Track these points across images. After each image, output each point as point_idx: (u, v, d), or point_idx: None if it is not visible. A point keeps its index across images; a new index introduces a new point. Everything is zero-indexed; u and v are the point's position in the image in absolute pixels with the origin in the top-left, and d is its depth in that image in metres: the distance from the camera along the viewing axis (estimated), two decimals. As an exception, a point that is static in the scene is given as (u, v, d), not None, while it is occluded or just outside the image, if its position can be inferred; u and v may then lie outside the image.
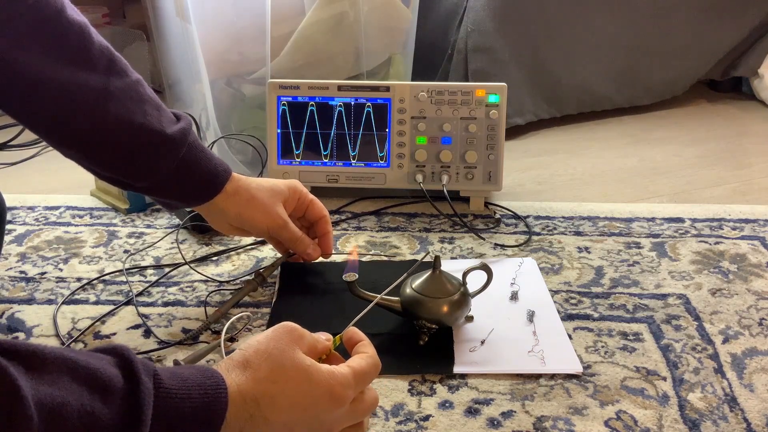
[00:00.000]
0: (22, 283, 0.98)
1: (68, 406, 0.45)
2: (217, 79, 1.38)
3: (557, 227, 1.12)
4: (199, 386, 0.53)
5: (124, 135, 0.79)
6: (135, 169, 0.82)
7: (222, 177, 0.87)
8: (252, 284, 0.93)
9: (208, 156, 0.86)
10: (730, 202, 1.22)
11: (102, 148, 0.80)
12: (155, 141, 0.80)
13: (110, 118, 0.78)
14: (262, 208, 0.90)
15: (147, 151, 0.81)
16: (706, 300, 0.93)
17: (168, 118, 0.83)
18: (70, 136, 0.80)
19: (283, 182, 0.94)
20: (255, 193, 0.90)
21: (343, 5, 1.35)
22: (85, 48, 0.77)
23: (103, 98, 0.77)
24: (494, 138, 1.16)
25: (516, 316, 0.89)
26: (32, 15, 0.73)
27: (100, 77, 0.77)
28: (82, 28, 0.77)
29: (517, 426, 0.72)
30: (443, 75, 1.58)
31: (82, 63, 0.76)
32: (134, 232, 1.12)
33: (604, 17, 1.59)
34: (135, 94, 0.80)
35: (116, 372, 0.49)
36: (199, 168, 0.84)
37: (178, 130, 0.82)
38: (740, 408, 0.74)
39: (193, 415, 0.51)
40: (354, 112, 1.18)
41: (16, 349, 0.45)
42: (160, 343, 0.85)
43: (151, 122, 0.80)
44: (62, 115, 0.77)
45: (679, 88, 1.73)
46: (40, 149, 1.49)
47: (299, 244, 0.94)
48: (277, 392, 0.56)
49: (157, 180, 0.83)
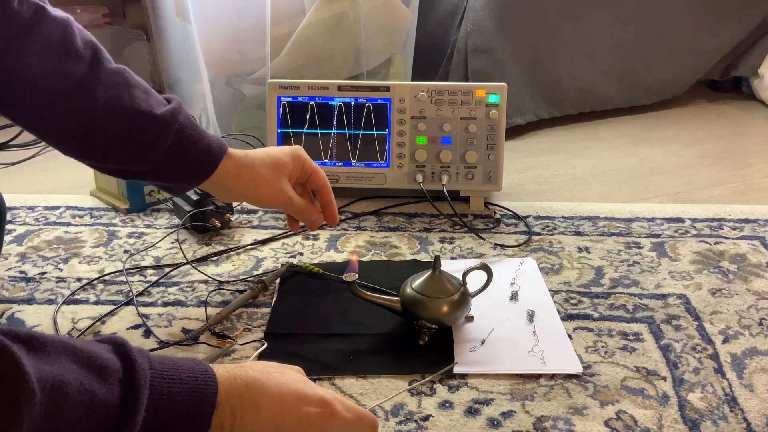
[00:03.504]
0: (22, 283, 0.98)
1: (68, 384, 0.47)
2: (217, 79, 1.38)
3: (557, 227, 1.12)
4: (188, 370, 0.55)
5: (114, 120, 0.79)
6: (129, 155, 0.82)
7: (217, 154, 0.86)
8: (254, 291, 0.93)
9: (201, 134, 0.85)
10: (730, 202, 1.22)
11: (94, 136, 0.80)
12: (145, 123, 0.81)
13: (99, 105, 0.78)
14: (266, 186, 0.90)
15: (138, 135, 0.81)
16: (706, 300, 0.93)
17: (157, 100, 0.83)
18: (62, 128, 0.80)
19: (286, 153, 0.93)
20: (259, 170, 0.89)
21: (343, 5, 1.35)
22: (70, 41, 0.78)
23: (90, 85, 0.78)
24: (494, 138, 1.16)
25: (516, 316, 0.89)
26: (16, 21, 0.74)
27: (86, 66, 0.78)
28: (64, 23, 0.78)
29: (517, 426, 0.72)
30: (443, 75, 1.58)
31: (67, 56, 0.78)
32: (134, 232, 1.12)
33: (604, 17, 1.59)
34: (122, 79, 0.81)
35: (112, 356, 0.51)
36: (193, 147, 0.84)
37: (167, 111, 0.82)
38: (740, 408, 0.74)
39: (185, 396, 0.53)
40: (354, 112, 1.18)
41: (17, 332, 0.46)
42: (160, 343, 0.85)
43: (140, 105, 0.80)
44: (54, 108, 0.78)
45: (679, 88, 1.74)
46: (40, 149, 1.48)
47: (307, 213, 0.93)
48: (268, 381, 0.59)
49: (153, 163, 0.83)
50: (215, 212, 1.09)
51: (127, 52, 1.76)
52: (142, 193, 1.18)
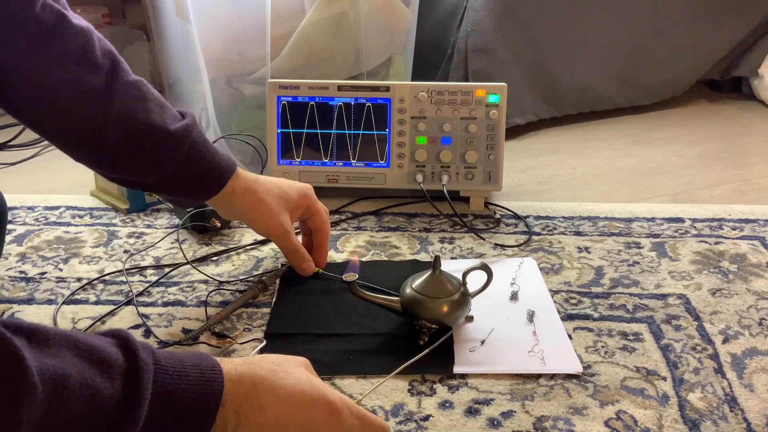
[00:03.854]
0: (22, 283, 0.98)
1: (70, 377, 0.46)
2: (217, 79, 1.38)
3: (557, 227, 1.12)
4: (195, 366, 0.55)
5: (128, 132, 0.80)
6: (140, 167, 0.83)
7: (226, 173, 0.88)
8: (253, 291, 0.93)
9: (212, 152, 0.87)
10: (730, 202, 1.22)
11: (107, 146, 0.81)
12: (158, 137, 0.82)
13: (113, 116, 0.79)
14: (266, 214, 0.91)
15: (150, 148, 0.82)
16: (706, 300, 0.93)
17: (171, 116, 0.84)
18: (76, 136, 0.81)
19: (295, 188, 0.95)
20: (263, 196, 0.91)
21: (343, 5, 1.35)
22: (89, 51, 0.78)
23: (107, 96, 0.79)
24: (494, 138, 1.16)
25: (516, 316, 0.89)
26: (37, 25, 0.75)
27: (104, 77, 0.79)
28: (84, 32, 0.79)
29: (517, 426, 0.72)
30: (443, 75, 1.58)
31: (86, 65, 0.78)
32: (134, 232, 1.12)
33: (604, 17, 1.59)
34: (138, 92, 0.81)
35: (116, 350, 0.51)
36: (203, 164, 0.85)
37: (181, 127, 0.83)
38: (740, 408, 0.74)
39: (189, 393, 0.53)
40: (354, 112, 1.18)
41: (19, 325, 0.46)
42: (160, 343, 0.85)
43: (154, 119, 0.81)
44: (68, 116, 0.79)
45: (679, 88, 1.74)
46: (40, 149, 1.49)
47: (296, 257, 0.95)
48: (275, 381, 0.58)
49: (162, 176, 0.84)
50: (215, 212, 1.09)
51: (127, 52, 1.76)
52: (142, 193, 1.18)
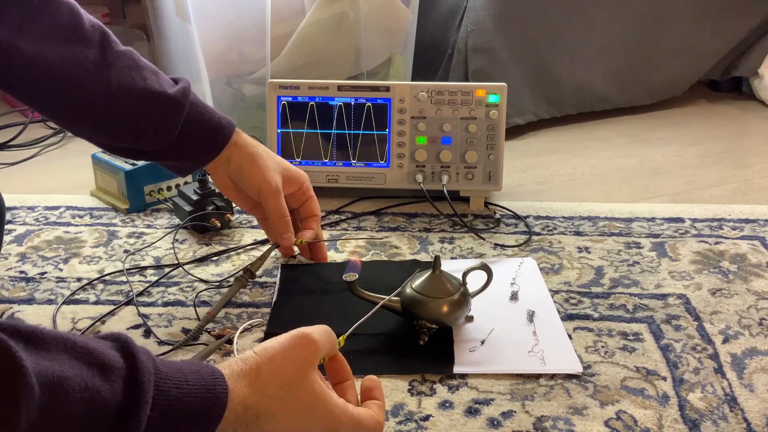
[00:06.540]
0: (22, 283, 0.98)
1: (69, 380, 0.46)
2: (217, 79, 1.38)
3: (557, 227, 1.12)
4: (195, 373, 0.53)
5: (128, 101, 0.82)
6: (144, 134, 0.85)
7: (227, 129, 0.90)
8: (241, 281, 0.93)
9: (210, 111, 0.89)
10: (730, 202, 1.22)
11: (109, 118, 0.83)
12: (159, 102, 0.84)
13: (113, 87, 0.81)
14: (260, 168, 0.92)
15: (152, 114, 0.84)
16: (706, 300, 0.93)
17: (167, 81, 0.86)
18: (76, 111, 0.83)
19: (291, 166, 0.97)
20: (261, 152, 0.93)
21: (343, 5, 1.35)
22: (78, 25, 0.80)
23: (103, 68, 0.81)
24: (494, 138, 1.16)
25: (516, 316, 0.89)
26: (25, 2, 0.76)
27: (97, 50, 0.81)
28: (71, 8, 0.81)
29: (517, 426, 0.72)
30: (443, 75, 1.57)
31: (77, 39, 0.80)
32: (134, 232, 1.12)
33: (604, 17, 1.59)
34: (131, 61, 0.84)
35: (115, 353, 0.51)
36: (205, 123, 0.88)
37: (178, 90, 0.85)
38: (740, 408, 0.74)
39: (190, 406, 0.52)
40: (354, 112, 1.18)
41: (17, 327, 0.46)
42: (160, 343, 0.85)
43: (152, 85, 0.83)
44: (66, 91, 0.80)
45: (679, 88, 1.73)
46: (40, 149, 1.49)
47: (281, 223, 0.93)
48: (279, 410, 0.57)
49: (166, 141, 0.86)
50: (215, 212, 1.09)
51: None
52: (142, 193, 1.18)
